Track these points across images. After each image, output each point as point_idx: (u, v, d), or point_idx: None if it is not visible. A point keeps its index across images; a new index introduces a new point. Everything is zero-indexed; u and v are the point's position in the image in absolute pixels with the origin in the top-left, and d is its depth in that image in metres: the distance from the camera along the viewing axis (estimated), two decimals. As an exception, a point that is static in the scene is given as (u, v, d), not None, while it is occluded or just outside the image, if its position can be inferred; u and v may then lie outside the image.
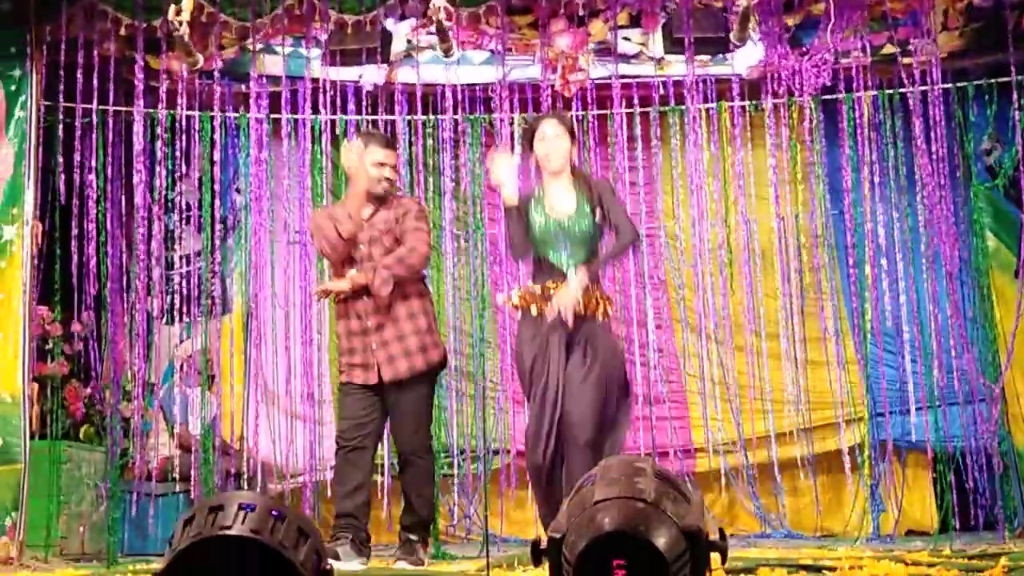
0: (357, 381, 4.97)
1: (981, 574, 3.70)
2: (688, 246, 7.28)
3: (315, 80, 6.80)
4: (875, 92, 6.91)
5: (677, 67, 6.99)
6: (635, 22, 6.80)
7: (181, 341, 7.14)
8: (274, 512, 2.41)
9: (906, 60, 6.64)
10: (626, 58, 7.04)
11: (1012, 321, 6.64)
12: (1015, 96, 6.52)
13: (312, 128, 6.95)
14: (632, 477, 2.35)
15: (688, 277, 7.33)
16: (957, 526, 6.45)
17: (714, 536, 2.31)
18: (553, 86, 6.86)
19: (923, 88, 6.61)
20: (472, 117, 7.16)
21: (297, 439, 6.98)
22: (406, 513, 5.09)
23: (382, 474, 6.85)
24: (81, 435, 6.39)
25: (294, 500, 6.87)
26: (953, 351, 6.76)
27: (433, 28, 5.68)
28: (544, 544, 2.32)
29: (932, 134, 6.63)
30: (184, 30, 5.15)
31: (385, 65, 6.74)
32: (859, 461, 6.87)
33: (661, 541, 2.22)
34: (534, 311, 4.71)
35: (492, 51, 6.88)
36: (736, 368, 7.15)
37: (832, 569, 3.82)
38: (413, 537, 5.03)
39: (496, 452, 7.09)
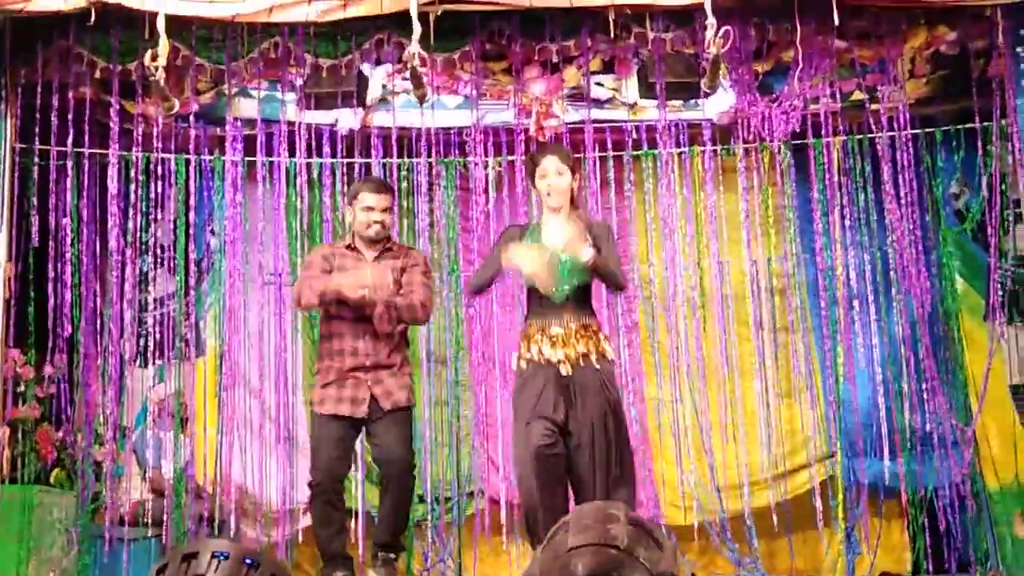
0: (344, 413, 5.02)
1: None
2: (661, 289, 7.32)
3: (290, 123, 6.84)
4: (844, 137, 7.00)
5: (650, 112, 7.07)
6: (608, 68, 6.88)
7: (154, 384, 7.10)
8: (247, 560, 2.42)
9: (874, 106, 6.74)
10: (599, 103, 7.11)
11: (981, 364, 6.72)
12: (980, 142, 6.65)
13: (287, 171, 6.98)
14: (605, 523, 2.37)
15: (661, 320, 7.36)
16: (930, 569, 6.47)
17: (687, 582, 2.33)
18: (527, 130, 6.92)
19: (891, 133, 6.71)
20: (447, 160, 7.22)
21: (271, 483, 6.94)
22: (387, 532, 5.11)
23: (355, 518, 6.84)
24: (52, 479, 6.34)
25: (268, 545, 6.82)
26: (925, 394, 6.82)
27: (408, 74, 5.72)
28: (517, 591, 2.33)
29: (901, 179, 6.74)
30: (160, 75, 5.16)
31: (360, 109, 6.78)
32: (832, 504, 6.89)
33: (634, 587, 2.24)
34: (534, 354, 4.72)
35: (466, 96, 6.94)
36: (710, 411, 7.16)
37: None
38: (392, 555, 5.11)
39: (471, 496, 7.08)
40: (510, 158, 7.14)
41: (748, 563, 6.99)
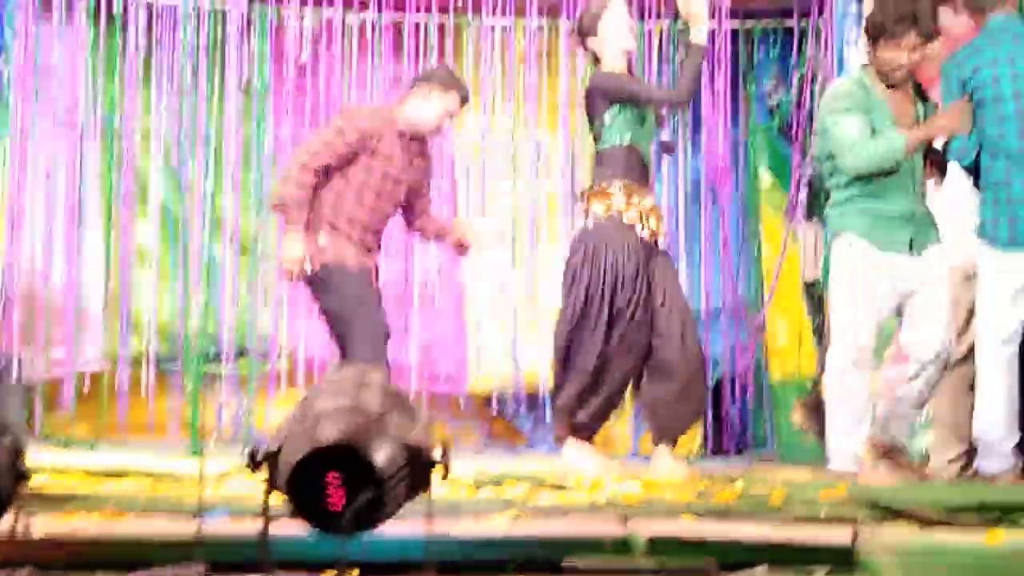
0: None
1: (715, 495, 3.80)
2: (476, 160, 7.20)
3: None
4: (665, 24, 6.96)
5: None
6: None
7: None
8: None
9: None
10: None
11: (777, 258, 6.92)
12: (797, 41, 6.73)
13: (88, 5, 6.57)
14: (358, 389, 2.32)
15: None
16: (708, 451, 6.73)
17: (436, 453, 2.30)
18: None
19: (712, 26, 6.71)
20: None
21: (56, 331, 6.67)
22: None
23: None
24: None
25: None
26: (722, 284, 6.99)
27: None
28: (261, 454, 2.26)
29: (716, 72, 6.77)
30: None
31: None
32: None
33: (379, 456, 2.19)
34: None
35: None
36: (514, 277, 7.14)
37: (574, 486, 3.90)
38: None
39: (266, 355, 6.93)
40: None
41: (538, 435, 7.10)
